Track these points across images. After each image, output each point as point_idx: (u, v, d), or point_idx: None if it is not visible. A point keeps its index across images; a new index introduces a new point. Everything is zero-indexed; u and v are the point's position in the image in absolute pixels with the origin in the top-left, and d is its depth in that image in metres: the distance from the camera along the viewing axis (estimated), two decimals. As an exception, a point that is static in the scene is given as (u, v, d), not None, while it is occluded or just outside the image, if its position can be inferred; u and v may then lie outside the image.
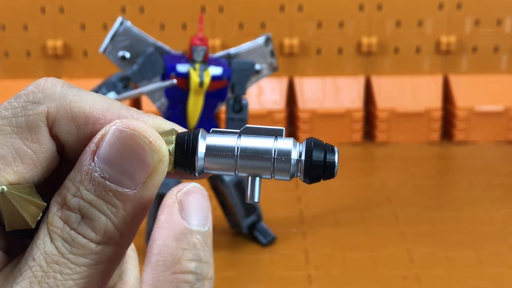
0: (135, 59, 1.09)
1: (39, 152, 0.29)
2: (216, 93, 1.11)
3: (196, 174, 0.31)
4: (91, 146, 0.28)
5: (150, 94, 1.14)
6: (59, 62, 1.61)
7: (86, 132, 0.29)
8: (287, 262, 1.14)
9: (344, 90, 1.62)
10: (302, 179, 0.32)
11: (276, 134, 0.32)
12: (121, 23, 1.09)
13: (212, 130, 0.31)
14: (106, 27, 1.57)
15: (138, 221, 0.29)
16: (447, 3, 1.59)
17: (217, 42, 1.58)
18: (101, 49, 1.09)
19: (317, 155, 0.31)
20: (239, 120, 1.13)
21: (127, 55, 1.09)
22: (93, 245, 0.28)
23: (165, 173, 0.30)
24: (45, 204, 0.29)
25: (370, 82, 1.63)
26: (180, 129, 0.32)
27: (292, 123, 1.63)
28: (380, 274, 1.12)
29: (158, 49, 1.10)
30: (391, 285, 1.10)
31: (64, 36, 1.60)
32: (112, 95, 1.06)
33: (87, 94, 0.30)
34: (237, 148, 0.31)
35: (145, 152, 0.28)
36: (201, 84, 1.08)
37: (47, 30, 1.59)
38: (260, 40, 1.15)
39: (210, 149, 0.31)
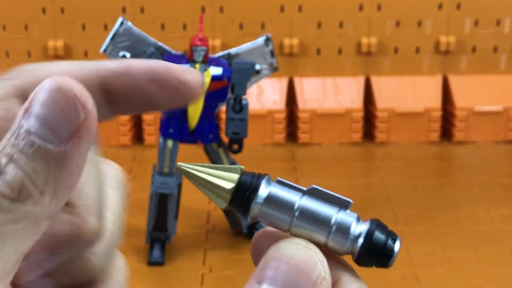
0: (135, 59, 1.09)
1: (5, 119, 0.29)
2: (216, 93, 1.11)
3: (248, 219, 0.30)
4: (26, 103, 0.27)
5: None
6: (59, 62, 1.61)
7: None
8: (287, 261, 1.14)
9: (344, 90, 1.62)
10: (354, 259, 0.30)
11: (342, 205, 0.30)
12: (122, 23, 1.09)
13: (278, 180, 0.30)
14: (106, 28, 1.57)
15: (63, 184, 0.27)
16: (447, 3, 1.60)
17: (217, 42, 1.58)
18: (102, 49, 1.09)
19: (377, 241, 0.29)
20: (239, 120, 1.14)
21: (128, 55, 1.10)
22: (6, 202, 0.26)
23: (93, 133, 0.28)
24: None
25: (370, 82, 1.63)
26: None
27: (292, 123, 1.64)
28: (380, 274, 1.12)
29: (159, 49, 1.10)
30: (390, 284, 1.10)
31: (64, 37, 1.60)
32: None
33: (61, 63, 0.30)
34: (298, 207, 0.29)
35: (70, 107, 0.27)
36: (201, 84, 1.08)
37: (48, 31, 1.60)
38: (260, 40, 1.15)
39: (269, 200, 0.30)
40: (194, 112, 1.11)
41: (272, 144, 1.61)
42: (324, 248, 0.30)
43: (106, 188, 0.32)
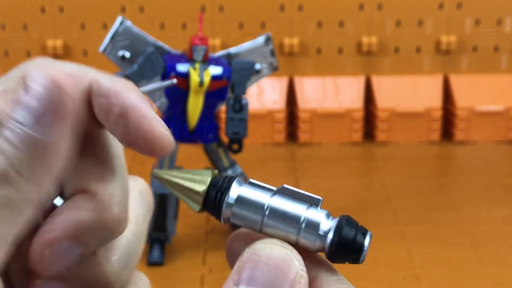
0: (135, 58, 1.09)
1: None
2: (216, 93, 1.11)
3: (222, 222, 0.30)
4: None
5: (150, 93, 1.14)
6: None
7: None
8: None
9: (344, 90, 1.62)
10: (326, 256, 0.30)
11: (312, 202, 0.31)
12: (121, 23, 1.08)
13: (249, 181, 0.30)
14: (106, 27, 1.57)
15: (46, 171, 0.27)
16: (447, 3, 1.59)
17: (217, 41, 1.58)
18: (101, 48, 1.09)
19: (346, 235, 0.30)
20: (239, 119, 1.13)
21: (127, 54, 1.09)
22: None
23: (74, 122, 0.28)
24: None
25: (370, 82, 1.63)
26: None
27: (292, 123, 1.63)
28: (380, 274, 1.12)
29: (158, 49, 1.10)
30: (391, 285, 1.10)
31: (64, 36, 1.60)
32: (112, 94, 1.06)
33: (66, 64, 0.31)
34: (267, 206, 0.30)
35: (55, 96, 0.28)
36: (201, 83, 1.08)
37: (47, 30, 1.59)
38: (260, 39, 1.15)
39: (239, 201, 0.30)
40: (194, 112, 1.11)
41: (272, 144, 1.61)
42: (298, 247, 0.30)
43: (130, 200, 0.32)
